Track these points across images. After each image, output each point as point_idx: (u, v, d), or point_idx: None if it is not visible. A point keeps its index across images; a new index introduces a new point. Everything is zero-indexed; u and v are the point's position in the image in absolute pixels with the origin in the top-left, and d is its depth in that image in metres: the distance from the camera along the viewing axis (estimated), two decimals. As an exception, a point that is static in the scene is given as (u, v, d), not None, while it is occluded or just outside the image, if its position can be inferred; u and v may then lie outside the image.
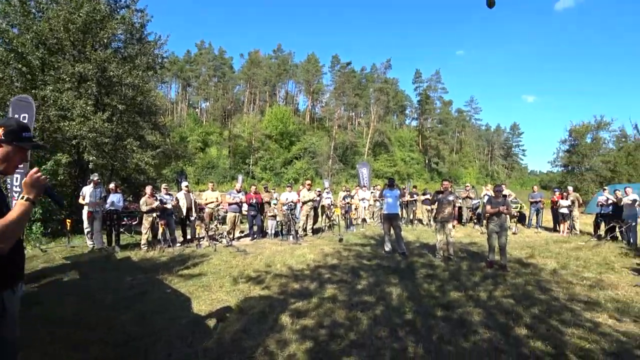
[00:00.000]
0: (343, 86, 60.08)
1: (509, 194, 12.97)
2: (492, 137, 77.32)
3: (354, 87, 62.54)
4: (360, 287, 5.38)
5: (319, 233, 10.67)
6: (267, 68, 68.03)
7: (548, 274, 6.39)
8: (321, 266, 6.61)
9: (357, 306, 4.53)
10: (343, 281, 5.65)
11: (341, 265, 6.73)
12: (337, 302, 4.70)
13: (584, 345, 3.60)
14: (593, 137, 35.62)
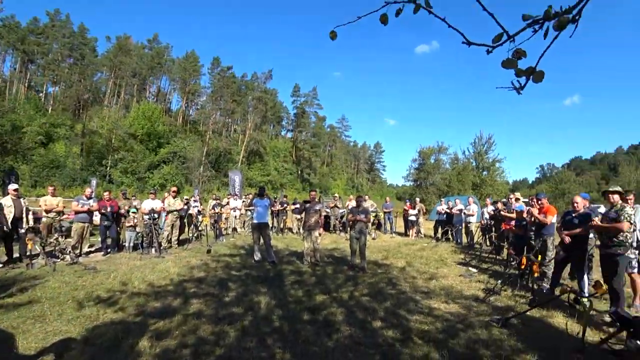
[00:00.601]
0: (221, 90, 57.62)
1: (372, 204, 14.53)
2: (359, 153, 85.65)
3: (233, 92, 60.57)
4: (228, 299, 5.19)
5: (185, 244, 9.94)
6: (138, 58, 59.04)
7: (398, 271, 7.34)
8: (186, 280, 6.16)
9: (224, 319, 4.35)
10: (210, 294, 5.37)
11: (208, 277, 6.39)
12: (203, 317, 4.42)
13: (424, 328, 4.28)
14: (435, 158, 43.74)
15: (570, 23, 1.25)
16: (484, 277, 7.00)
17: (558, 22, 1.23)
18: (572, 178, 52.08)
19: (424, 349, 3.70)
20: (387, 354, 3.57)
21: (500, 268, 7.86)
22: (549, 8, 1.24)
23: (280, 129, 77.50)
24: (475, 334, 4.16)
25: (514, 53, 1.29)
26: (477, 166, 39.94)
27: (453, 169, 41.77)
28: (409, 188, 47.75)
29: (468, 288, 6.21)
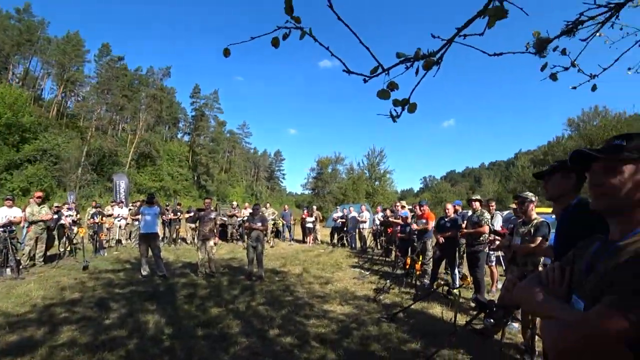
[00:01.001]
0: (109, 82, 49.49)
1: (273, 212, 14.48)
2: (259, 160, 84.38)
3: (124, 86, 52.70)
4: (109, 321, 4.53)
5: (54, 261, 8.41)
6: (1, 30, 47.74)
7: (295, 278, 7.41)
8: (55, 304, 5.19)
9: (104, 346, 3.75)
10: (86, 318, 4.61)
11: (84, 298, 5.50)
12: (76, 346, 3.74)
13: (320, 331, 4.37)
14: (333, 168, 45.98)
15: (435, 64, 1.42)
16: (375, 278, 7.53)
17: (425, 62, 1.40)
18: (448, 188, 61.01)
19: (320, 351, 3.77)
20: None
21: (389, 269, 8.54)
22: (418, 50, 1.41)
23: (177, 131, 70.34)
24: (368, 330, 4.42)
25: (388, 85, 1.40)
26: (370, 176, 43.31)
27: (349, 178, 44.50)
28: (308, 196, 49.16)
29: (361, 289, 6.59)
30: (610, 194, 0.99)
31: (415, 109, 1.45)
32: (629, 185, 0.96)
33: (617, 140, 1.02)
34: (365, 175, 43.77)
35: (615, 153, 0.99)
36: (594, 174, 1.04)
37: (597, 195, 1.03)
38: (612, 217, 1.04)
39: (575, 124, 38.28)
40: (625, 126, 28.76)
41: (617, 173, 0.98)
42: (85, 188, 40.99)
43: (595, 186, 1.03)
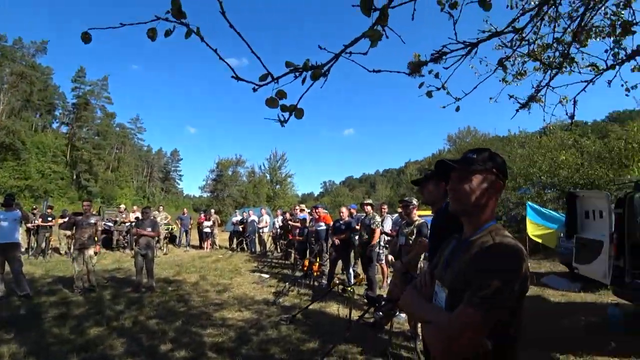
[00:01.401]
0: None
1: (166, 217, 13.40)
2: (153, 159, 76.47)
3: None
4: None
5: None
6: None
7: (190, 287, 7.00)
8: None
9: None
10: None
11: None
12: None
13: (218, 340, 4.22)
14: (233, 170, 44.51)
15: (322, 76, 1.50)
16: (274, 281, 7.56)
17: (313, 73, 1.47)
18: (346, 193, 64.56)
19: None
20: (178, 377, 3.33)
21: (289, 271, 8.67)
22: (307, 61, 1.47)
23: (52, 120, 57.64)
24: (267, 334, 4.43)
25: (277, 93, 1.42)
26: (271, 180, 43.27)
27: (250, 181, 43.77)
28: (206, 199, 46.66)
29: (260, 293, 6.55)
30: (462, 198, 1.19)
31: (302, 115, 1.48)
32: (477, 191, 1.18)
33: (470, 153, 1.25)
34: (266, 178, 43.63)
35: (467, 164, 1.20)
36: (451, 182, 1.24)
37: (453, 199, 1.23)
38: (465, 218, 1.25)
39: (453, 139, 44.37)
40: (488, 144, 34.28)
41: (468, 181, 1.18)
42: None
43: (451, 191, 1.23)
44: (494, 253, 1.05)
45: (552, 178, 13.40)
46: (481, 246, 1.10)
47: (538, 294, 6.64)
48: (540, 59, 3.29)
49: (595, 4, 2.93)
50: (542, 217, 8.90)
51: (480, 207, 1.19)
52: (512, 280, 1.00)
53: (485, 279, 1.00)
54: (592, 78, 3.17)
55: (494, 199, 1.22)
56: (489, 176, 1.20)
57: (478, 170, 1.19)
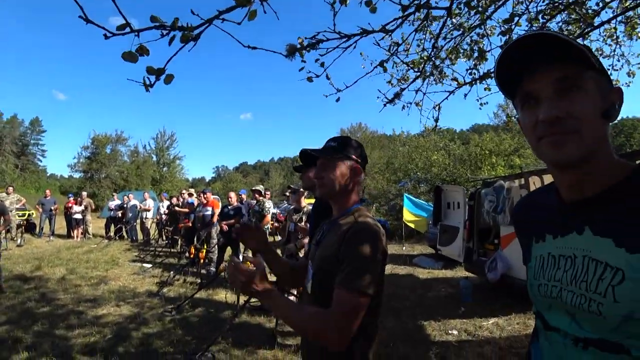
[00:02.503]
0: None
1: (19, 200, 11.21)
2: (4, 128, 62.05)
3: None
4: None
5: None
6: None
7: (55, 283, 6.08)
8: None
9: None
10: None
11: None
12: None
13: (90, 340, 3.80)
14: (112, 148, 39.06)
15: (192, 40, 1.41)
16: (158, 271, 7.05)
17: (183, 35, 1.37)
18: (239, 179, 63.10)
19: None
20: (36, 387, 2.91)
21: (174, 260, 8.18)
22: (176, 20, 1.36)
23: None
24: (149, 328, 4.17)
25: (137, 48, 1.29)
26: (158, 161, 39.67)
27: (132, 162, 39.31)
28: (78, 180, 40.17)
29: (142, 285, 6.08)
30: (328, 184, 1.30)
31: (171, 80, 1.37)
32: (341, 177, 1.29)
33: (331, 142, 1.36)
34: (152, 159, 39.86)
35: (328, 153, 1.31)
36: (317, 169, 1.34)
37: (320, 185, 1.33)
38: (332, 201, 1.36)
39: (345, 133, 47.02)
40: (376, 141, 37.19)
41: (332, 168, 1.29)
42: None
43: (317, 179, 1.33)
44: (356, 232, 1.16)
45: (425, 174, 15.54)
46: (346, 227, 1.21)
47: (410, 272, 7.62)
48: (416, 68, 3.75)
49: (465, 31, 3.47)
50: (416, 206, 10.26)
51: (346, 191, 1.31)
52: (374, 256, 1.12)
53: (353, 259, 1.11)
54: (454, 89, 3.75)
55: (357, 183, 1.34)
56: (350, 162, 1.31)
57: (340, 157, 1.30)
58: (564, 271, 0.69)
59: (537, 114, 0.65)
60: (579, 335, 0.66)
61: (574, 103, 0.63)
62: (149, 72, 1.32)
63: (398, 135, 20.80)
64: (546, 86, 0.65)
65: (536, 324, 0.81)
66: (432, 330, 4.32)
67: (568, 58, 0.63)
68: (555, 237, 0.74)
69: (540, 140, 0.66)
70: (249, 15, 1.38)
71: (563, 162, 0.66)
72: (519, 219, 0.91)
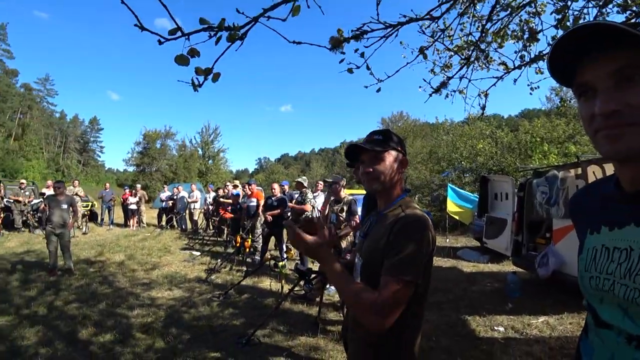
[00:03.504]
0: None
1: (81, 191, 12.26)
2: (68, 127, 67.39)
3: None
4: None
5: None
6: None
7: (115, 267, 6.63)
8: None
9: None
10: None
11: None
12: None
13: (146, 320, 4.11)
14: (162, 143, 41.39)
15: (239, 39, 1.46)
16: (206, 258, 7.45)
17: (229, 35, 1.43)
18: (281, 170, 64.18)
19: (147, 342, 3.57)
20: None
21: (221, 249, 8.57)
22: (222, 20, 1.41)
23: None
24: (199, 312, 4.42)
25: (188, 51, 1.36)
26: (203, 155, 41.38)
27: (180, 155, 41.38)
28: (132, 174, 43.10)
29: (191, 271, 6.44)
30: (378, 177, 1.30)
31: (218, 78, 1.43)
32: (390, 169, 1.30)
33: (375, 135, 1.35)
34: (198, 153, 41.65)
35: (377, 146, 1.31)
36: (365, 163, 1.33)
37: (369, 179, 1.33)
38: (380, 194, 1.37)
39: (387, 123, 46.04)
40: (418, 130, 36.09)
41: (380, 161, 1.30)
42: None
43: (366, 173, 1.33)
44: (405, 224, 1.18)
45: (470, 163, 14.84)
46: (394, 218, 1.23)
47: (454, 265, 7.43)
48: (461, 54, 3.59)
49: (513, 10, 3.27)
50: (461, 197, 9.89)
51: (392, 183, 1.32)
52: (422, 246, 1.14)
53: (401, 248, 1.13)
54: (502, 75, 3.56)
55: (402, 174, 1.36)
56: (396, 154, 1.33)
57: (387, 149, 1.31)
58: (617, 264, 0.66)
59: (594, 106, 0.63)
60: (632, 332, 0.63)
61: (631, 94, 0.59)
62: (198, 72, 1.38)
63: (441, 123, 19.94)
64: (602, 77, 0.62)
65: (587, 319, 0.78)
66: (477, 325, 4.19)
67: (624, 47, 0.59)
68: (612, 229, 0.71)
69: (597, 134, 0.64)
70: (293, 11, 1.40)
71: (621, 156, 0.63)
72: (575, 209, 0.88)
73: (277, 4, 1.40)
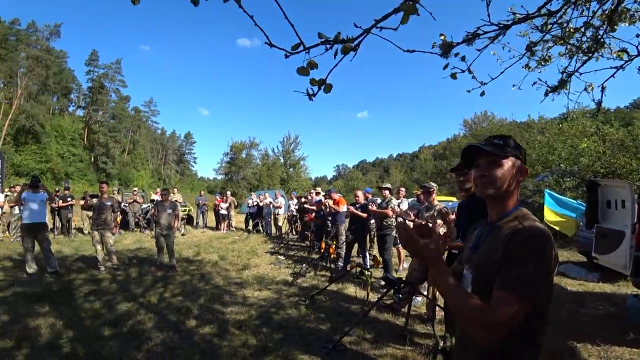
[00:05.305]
0: None
1: (178, 198, 13.68)
2: (167, 142, 77.29)
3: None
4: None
5: None
6: None
7: (211, 266, 7.22)
8: None
9: (-20, 361, 3.21)
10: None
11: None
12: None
13: (240, 318, 4.39)
14: (247, 153, 44.74)
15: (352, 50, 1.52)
16: (291, 263, 7.72)
17: (343, 47, 1.49)
18: (359, 176, 64.40)
19: (241, 338, 3.80)
20: (206, 351, 3.49)
21: (305, 253, 8.82)
22: (338, 34, 1.49)
23: (68, 103, 58.19)
24: (287, 314, 4.57)
25: (308, 63, 1.44)
26: (285, 163, 43.42)
27: (263, 164, 44.01)
28: (221, 182, 47.18)
29: (278, 274, 6.72)
30: (494, 183, 1.21)
31: (330, 89, 1.51)
32: (508, 176, 1.21)
33: (496, 139, 1.26)
34: (279, 161, 43.79)
35: (500, 149, 1.22)
36: (481, 167, 1.25)
37: (483, 183, 1.24)
38: (492, 202, 1.27)
39: (469, 124, 43.32)
40: (505, 130, 33.32)
41: (498, 166, 1.21)
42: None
43: (481, 177, 1.24)
44: (524, 238, 1.08)
45: (571, 166, 13.10)
46: (510, 231, 1.13)
47: (556, 282, 6.60)
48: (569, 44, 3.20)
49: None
50: (561, 205, 8.79)
51: (508, 192, 1.22)
52: (543, 263, 1.04)
53: (519, 264, 1.04)
54: (623, 64, 3.08)
55: (519, 183, 1.26)
56: (517, 161, 1.23)
57: (508, 155, 1.22)
58: None
59: None
60: None
61: None
62: (312, 83, 1.48)
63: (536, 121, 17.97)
64: None
65: None
66: (589, 355, 3.63)
67: None
68: None
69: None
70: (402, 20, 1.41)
71: None
72: None
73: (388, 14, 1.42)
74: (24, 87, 44.75)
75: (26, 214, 6.37)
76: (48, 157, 43.59)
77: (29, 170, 38.20)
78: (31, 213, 6.34)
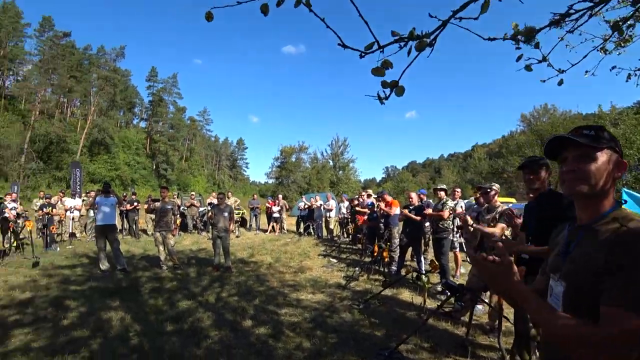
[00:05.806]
0: (54, 61, 44.70)
1: (235, 200, 14.18)
2: (221, 148, 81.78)
3: (72, 66, 47.90)
4: (68, 321, 4.23)
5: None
6: None
7: (265, 268, 7.34)
8: (3, 306, 4.79)
9: (64, 348, 3.49)
10: (41, 319, 4.29)
11: (38, 298, 5.10)
12: (32, 351, 3.46)
13: (294, 320, 4.38)
14: (296, 157, 45.61)
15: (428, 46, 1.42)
16: (344, 266, 7.63)
17: (419, 43, 1.40)
18: (410, 178, 62.89)
19: (296, 340, 3.77)
20: (261, 352, 3.51)
21: (357, 257, 8.68)
22: (413, 30, 1.40)
23: (132, 117, 65.22)
24: (341, 317, 4.48)
25: (382, 63, 1.38)
26: (334, 166, 43.60)
27: (313, 167, 44.57)
28: (272, 185, 48.60)
29: (331, 277, 6.66)
30: (587, 179, 1.04)
31: (403, 92, 1.43)
32: (604, 171, 1.03)
33: (586, 130, 1.08)
34: (329, 164, 44.02)
35: (594, 141, 1.05)
36: (569, 161, 1.08)
37: (573, 180, 1.07)
38: (583, 202, 1.09)
39: (527, 119, 40.30)
40: (570, 124, 30.54)
41: (592, 160, 1.03)
42: (31, 178, 37.97)
43: (570, 172, 1.07)
44: (634, 242, 0.90)
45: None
46: (610, 234, 0.97)
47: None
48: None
49: None
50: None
51: (603, 189, 1.04)
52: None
53: (632, 274, 0.87)
54: None
55: (615, 181, 1.07)
56: (613, 155, 1.05)
57: (603, 147, 1.04)
58: None
59: None
60: None
61: None
62: (384, 85, 1.41)
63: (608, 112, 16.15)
64: None
65: None
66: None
67: None
68: None
69: None
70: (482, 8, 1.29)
71: None
72: None
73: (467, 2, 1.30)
74: (96, 104, 50.85)
75: (99, 217, 7.00)
76: (117, 166, 48.99)
77: (101, 177, 42.82)
78: (103, 216, 6.94)
